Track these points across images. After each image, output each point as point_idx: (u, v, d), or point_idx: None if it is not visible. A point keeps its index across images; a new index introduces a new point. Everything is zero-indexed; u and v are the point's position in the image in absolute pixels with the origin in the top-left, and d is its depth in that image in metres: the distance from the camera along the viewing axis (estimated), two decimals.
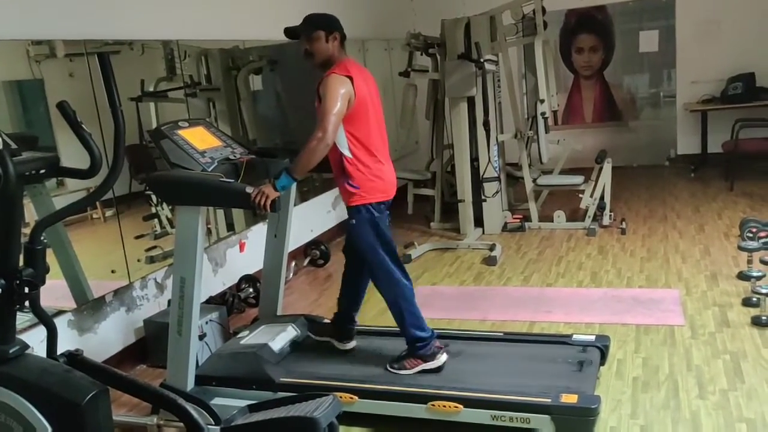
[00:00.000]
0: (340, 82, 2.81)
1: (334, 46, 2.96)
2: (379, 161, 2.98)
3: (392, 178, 3.08)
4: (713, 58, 7.52)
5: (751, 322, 3.60)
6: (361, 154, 2.92)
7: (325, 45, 2.95)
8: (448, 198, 6.41)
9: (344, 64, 2.91)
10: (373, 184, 2.95)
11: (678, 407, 2.86)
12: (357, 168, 2.92)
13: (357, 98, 2.86)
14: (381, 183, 2.98)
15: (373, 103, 3.00)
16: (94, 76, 3.48)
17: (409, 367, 3.01)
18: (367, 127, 2.94)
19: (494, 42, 5.73)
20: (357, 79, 2.87)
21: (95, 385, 2.12)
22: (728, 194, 6.45)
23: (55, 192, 3.29)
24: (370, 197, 2.95)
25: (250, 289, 4.45)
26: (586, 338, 3.20)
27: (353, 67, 2.92)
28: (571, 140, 6.88)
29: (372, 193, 2.95)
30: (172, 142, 2.88)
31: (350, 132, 2.89)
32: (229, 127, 4.68)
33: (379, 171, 2.98)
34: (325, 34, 2.94)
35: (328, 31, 2.95)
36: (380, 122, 3.06)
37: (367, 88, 2.95)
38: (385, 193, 3.01)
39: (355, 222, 2.99)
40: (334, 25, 2.98)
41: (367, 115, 2.93)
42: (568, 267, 4.86)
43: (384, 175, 3.00)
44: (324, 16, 3.01)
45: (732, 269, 4.42)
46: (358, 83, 2.87)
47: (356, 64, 2.99)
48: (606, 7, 8.01)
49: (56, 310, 3.28)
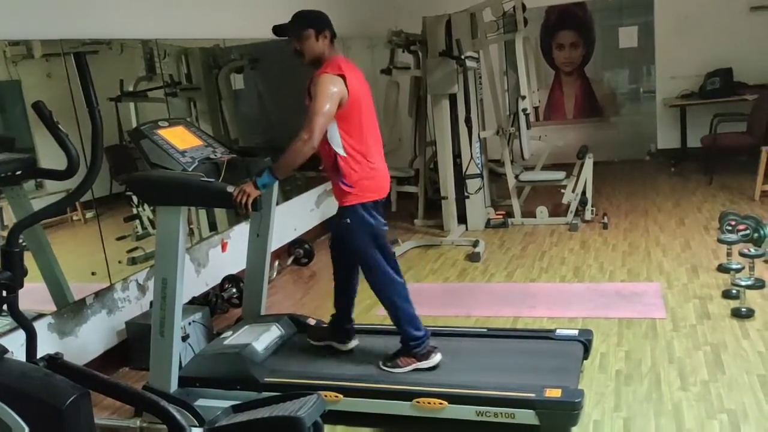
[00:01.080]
0: (331, 82, 2.79)
1: (325, 44, 2.93)
2: (372, 159, 2.96)
3: (385, 177, 3.06)
4: (691, 54, 7.60)
5: (731, 314, 3.64)
6: (355, 153, 2.90)
7: (315, 43, 2.92)
8: (431, 195, 6.42)
9: (336, 62, 2.89)
10: (367, 183, 2.93)
11: (660, 399, 2.89)
12: (350, 167, 2.90)
13: (350, 96, 2.84)
14: (374, 182, 2.97)
15: (366, 101, 2.98)
16: (72, 77, 3.44)
17: (403, 365, 3.00)
18: (360, 126, 2.92)
19: (475, 39, 5.74)
20: (350, 77, 2.85)
21: (76, 388, 2.09)
22: (707, 188, 6.52)
23: (33, 194, 3.24)
24: (364, 196, 2.93)
25: (233, 289, 4.42)
26: (570, 333, 3.22)
27: (345, 65, 2.90)
28: (553, 136, 6.92)
29: (366, 192, 2.93)
30: (151, 142, 2.86)
31: (344, 130, 2.87)
32: (210, 126, 4.65)
33: (373, 169, 2.96)
34: (315, 33, 2.91)
35: (318, 29, 2.92)
36: (373, 120, 3.04)
37: (360, 86, 2.93)
38: (378, 192, 3.00)
39: (350, 221, 2.95)
40: (324, 23, 2.95)
41: (360, 113, 2.91)
42: (551, 262, 4.89)
43: (377, 174, 2.99)
44: (313, 14, 2.97)
45: (712, 262, 4.47)
46: (351, 81, 2.85)
47: (348, 62, 2.97)
48: (585, 4, 8.07)
49: (36, 313, 3.24)
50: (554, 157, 6.53)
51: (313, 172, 5.76)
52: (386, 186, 3.07)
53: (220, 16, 4.80)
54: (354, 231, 2.96)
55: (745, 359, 3.16)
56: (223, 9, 4.84)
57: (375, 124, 3.07)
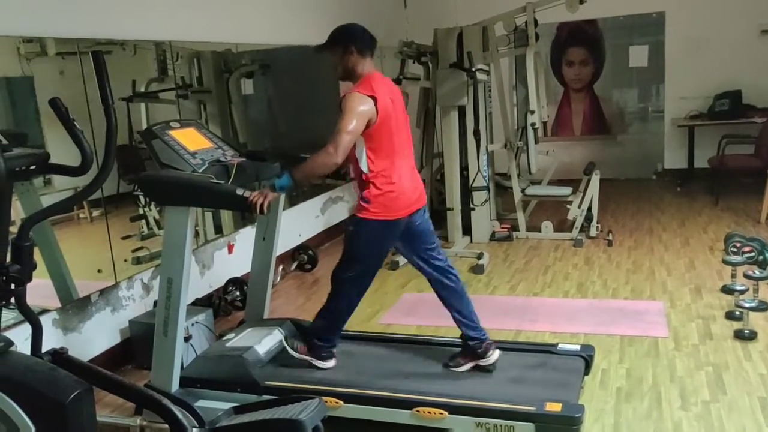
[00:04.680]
0: (361, 102, 2.81)
1: (353, 59, 2.95)
2: (395, 180, 2.93)
3: (410, 197, 3.00)
4: (701, 75, 7.61)
5: (734, 336, 3.63)
6: (378, 172, 2.91)
7: (343, 58, 2.96)
8: (436, 206, 6.42)
9: (368, 81, 2.90)
10: (385, 202, 2.91)
11: (660, 418, 2.88)
12: (373, 184, 2.91)
13: (379, 118, 2.84)
14: (393, 202, 2.93)
15: (397, 119, 2.98)
16: (86, 75, 3.47)
17: (301, 352, 3.13)
18: (389, 146, 2.92)
19: (486, 52, 5.77)
20: (381, 98, 2.85)
21: (80, 383, 2.11)
22: (713, 209, 6.52)
23: (42, 190, 3.27)
24: (378, 215, 2.92)
25: (237, 292, 4.43)
26: (572, 347, 3.21)
27: (378, 85, 2.90)
28: (560, 152, 6.93)
29: (382, 212, 2.92)
30: (162, 143, 2.88)
31: (370, 149, 2.89)
32: (219, 129, 4.68)
33: (394, 190, 2.93)
34: (341, 49, 2.95)
35: (344, 45, 2.95)
36: (405, 138, 3.04)
37: (392, 106, 2.94)
38: (397, 212, 2.96)
39: (353, 230, 3.00)
40: (349, 39, 2.95)
41: (390, 134, 2.92)
42: (554, 277, 4.89)
43: (399, 196, 2.94)
44: (342, 29, 3.01)
45: (716, 283, 4.47)
46: (382, 102, 2.85)
47: (382, 80, 2.97)
48: (597, 21, 8.09)
49: (41, 308, 3.26)
50: (561, 172, 6.55)
51: (319, 180, 5.84)
52: (410, 205, 3.00)
53: (233, 21, 4.84)
54: (353, 240, 3.01)
55: (747, 381, 3.15)
56: (237, 14, 4.88)
57: (407, 143, 3.06)
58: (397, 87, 3.13)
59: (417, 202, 3.05)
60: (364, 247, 3.00)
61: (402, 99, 3.10)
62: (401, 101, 3.08)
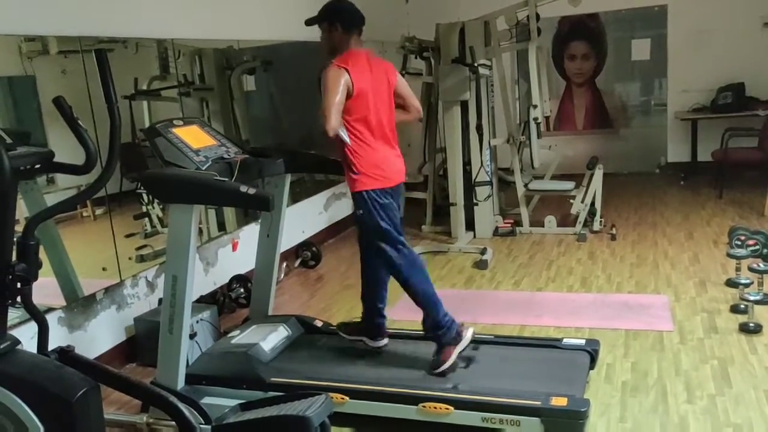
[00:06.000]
0: (336, 74, 2.88)
1: (337, 36, 3.01)
2: (378, 149, 3.02)
3: (395, 166, 3.10)
4: (704, 68, 7.59)
5: (739, 329, 3.63)
6: (359, 142, 2.98)
7: (329, 35, 3.03)
8: (439, 201, 6.43)
9: (345, 56, 2.96)
10: (372, 171, 3.00)
11: (666, 412, 2.88)
12: (356, 155, 2.98)
13: (355, 89, 2.90)
14: (380, 171, 3.02)
15: (376, 92, 3.01)
16: (89, 74, 3.47)
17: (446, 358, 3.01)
18: (366, 117, 2.98)
19: (488, 47, 5.76)
20: (354, 70, 2.91)
21: (86, 381, 2.11)
22: (717, 202, 6.51)
23: (45, 189, 3.27)
24: (371, 184, 2.99)
25: (241, 289, 4.44)
26: (577, 342, 3.21)
27: (352, 58, 2.96)
28: (563, 146, 6.92)
29: (372, 180, 3.00)
30: (166, 140, 2.88)
31: (347, 121, 2.95)
32: (222, 127, 4.67)
33: (378, 159, 3.01)
34: (327, 25, 3.02)
35: (330, 21, 3.02)
36: (385, 110, 3.07)
37: (371, 78, 2.99)
38: (385, 181, 3.04)
39: (362, 212, 3.05)
40: (336, 15, 3.02)
41: (366, 105, 2.97)
42: (558, 272, 4.88)
43: (383, 163, 3.03)
44: (331, 5, 3.07)
45: (720, 276, 4.46)
46: (356, 75, 2.91)
47: (359, 54, 3.01)
48: (599, 15, 8.07)
49: (46, 307, 3.26)
50: (564, 167, 6.53)
51: (322, 176, 5.84)
52: (396, 175, 3.10)
53: (234, 17, 4.83)
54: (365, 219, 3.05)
55: (753, 374, 3.15)
56: (238, 11, 4.87)
57: (388, 116, 3.10)
58: (387, 64, 3.14)
59: (400, 174, 3.13)
60: (375, 219, 3.03)
61: (392, 77, 3.11)
62: (385, 73, 3.09)
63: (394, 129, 3.14)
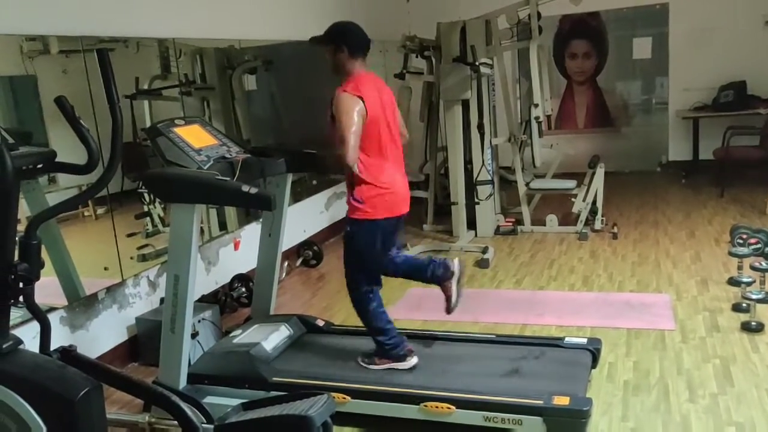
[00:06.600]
0: (352, 102, 2.85)
1: (343, 58, 2.98)
2: (387, 178, 2.98)
3: (401, 195, 3.06)
4: (705, 66, 7.58)
5: (741, 328, 3.63)
6: (369, 171, 2.94)
7: (334, 57, 3.00)
8: (441, 200, 6.42)
9: (355, 82, 2.93)
10: (378, 200, 2.96)
11: (668, 410, 2.88)
12: (364, 182, 2.94)
13: (369, 118, 2.88)
14: (387, 200, 2.98)
15: (386, 117, 3.01)
16: (90, 73, 3.47)
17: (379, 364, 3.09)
18: (378, 144, 2.95)
19: (489, 46, 5.75)
20: (368, 98, 2.89)
21: (89, 381, 2.11)
22: (719, 201, 6.50)
23: (46, 189, 3.27)
24: (374, 213, 2.96)
25: (243, 288, 4.44)
26: (578, 341, 3.21)
27: (364, 85, 2.93)
28: (564, 145, 6.91)
29: (376, 210, 2.96)
30: (168, 140, 2.88)
31: (361, 148, 2.90)
32: (223, 126, 4.67)
33: (386, 187, 2.97)
34: (333, 47, 2.99)
35: (335, 44, 2.99)
36: (394, 137, 3.06)
37: (381, 104, 2.97)
38: (391, 211, 3.01)
39: (350, 230, 3.04)
40: (341, 38, 2.99)
41: (378, 133, 2.94)
42: (560, 270, 4.88)
43: (391, 193, 2.99)
44: (338, 27, 3.04)
45: (722, 275, 4.46)
46: (370, 103, 2.89)
47: (368, 79, 3.00)
48: (600, 14, 8.06)
49: (48, 307, 3.27)
50: (565, 166, 6.53)
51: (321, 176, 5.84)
52: (402, 204, 3.06)
53: (235, 17, 4.83)
54: (351, 242, 3.05)
55: (755, 373, 3.14)
56: (239, 10, 4.87)
57: (396, 143, 3.08)
58: (388, 88, 3.13)
59: (405, 203, 3.09)
60: (361, 247, 3.03)
61: (393, 101, 3.12)
62: (392, 103, 3.09)
63: (401, 150, 3.12)
